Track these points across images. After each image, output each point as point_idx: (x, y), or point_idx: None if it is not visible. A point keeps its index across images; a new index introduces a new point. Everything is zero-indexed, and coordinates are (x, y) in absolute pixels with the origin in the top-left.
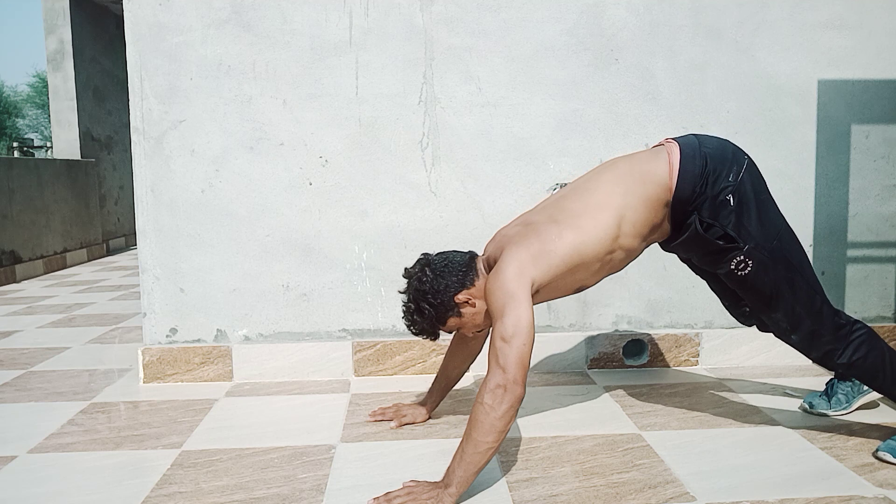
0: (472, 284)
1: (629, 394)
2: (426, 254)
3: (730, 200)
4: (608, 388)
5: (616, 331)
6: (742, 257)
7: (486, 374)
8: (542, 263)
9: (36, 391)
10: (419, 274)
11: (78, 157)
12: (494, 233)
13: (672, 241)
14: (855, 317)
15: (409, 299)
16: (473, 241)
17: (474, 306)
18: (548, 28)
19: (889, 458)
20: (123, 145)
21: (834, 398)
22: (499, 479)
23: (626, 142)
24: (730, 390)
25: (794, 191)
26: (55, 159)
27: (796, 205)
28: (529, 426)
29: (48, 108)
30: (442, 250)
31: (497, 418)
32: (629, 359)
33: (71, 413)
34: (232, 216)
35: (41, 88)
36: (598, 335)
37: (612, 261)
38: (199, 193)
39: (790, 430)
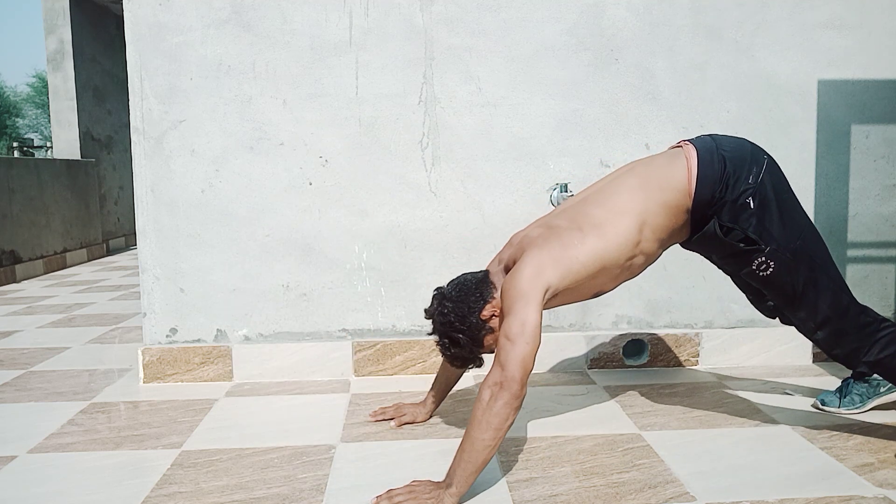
0: (493, 297)
1: (629, 394)
2: (439, 288)
3: (750, 203)
4: (608, 388)
5: (616, 331)
6: (764, 258)
7: (489, 370)
8: (561, 268)
9: (36, 391)
10: (439, 308)
11: (78, 157)
12: (511, 236)
13: (690, 239)
14: None
15: (440, 336)
16: (473, 240)
17: (501, 317)
18: (548, 28)
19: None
20: (123, 145)
21: (847, 397)
22: (499, 479)
23: (626, 142)
24: (730, 390)
25: (794, 191)
26: (55, 159)
27: None
28: (529, 426)
29: (48, 108)
30: (452, 278)
31: (493, 415)
32: (629, 359)
33: (71, 413)
34: (232, 216)
35: (41, 88)
36: (598, 335)
37: (632, 266)
38: (199, 193)
39: (790, 430)
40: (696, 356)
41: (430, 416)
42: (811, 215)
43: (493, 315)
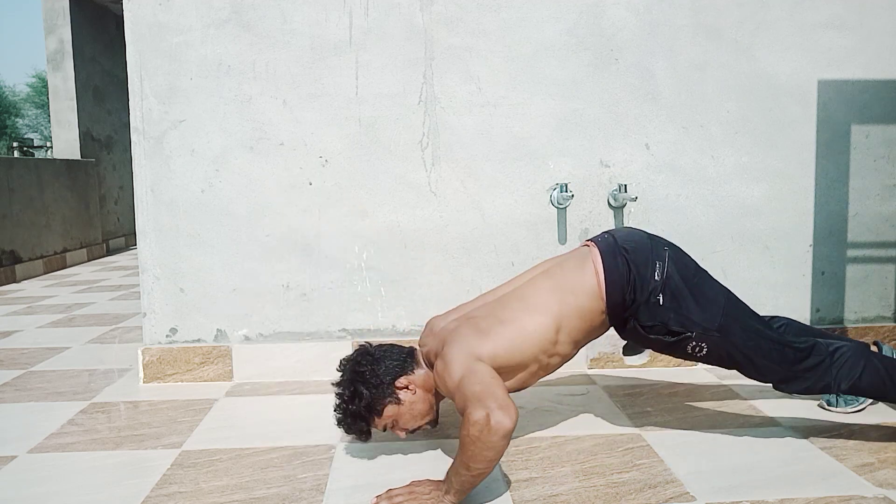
0: (412, 371)
1: (629, 394)
2: (367, 342)
3: (661, 300)
4: (608, 388)
5: None
6: (694, 343)
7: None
8: (486, 349)
9: (36, 391)
10: (357, 358)
11: (78, 157)
12: (429, 320)
13: (621, 332)
14: (854, 317)
15: (343, 386)
16: (473, 241)
17: (414, 393)
18: (548, 28)
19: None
20: (123, 145)
21: (849, 395)
22: (499, 480)
23: (626, 142)
24: (730, 390)
25: (794, 191)
26: (55, 159)
27: (796, 205)
28: (529, 426)
29: (48, 108)
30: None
31: (486, 449)
32: (629, 359)
33: (71, 413)
34: (232, 216)
35: (41, 88)
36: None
37: (549, 365)
38: (198, 193)
39: (790, 430)
40: None
41: None
42: (811, 215)
43: (406, 388)
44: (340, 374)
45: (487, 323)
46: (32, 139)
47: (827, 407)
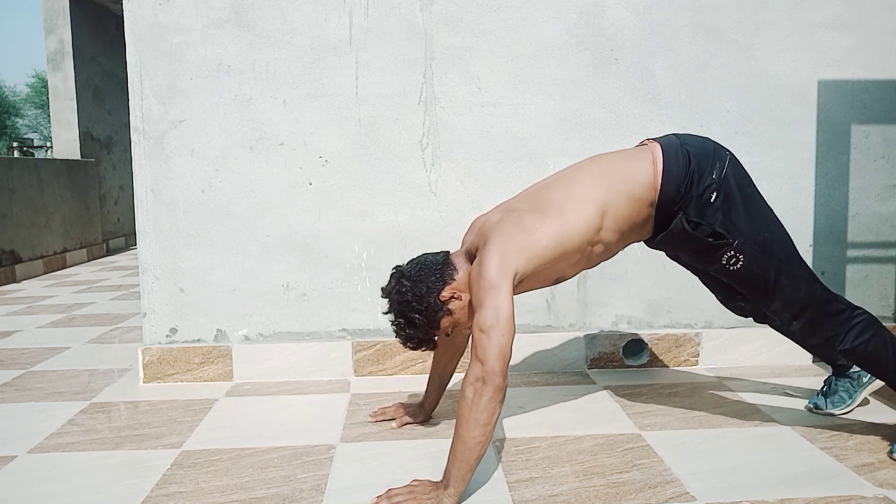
0: (452, 279)
1: (629, 394)
2: (397, 266)
3: (715, 198)
4: (608, 388)
5: (616, 331)
6: (733, 252)
7: (468, 367)
8: (526, 253)
9: (36, 391)
10: (397, 287)
11: (78, 157)
12: (473, 220)
13: (656, 236)
14: None
15: (395, 316)
16: None
17: (461, 299)
18: (548, 28)
19: (814, 409)
20: (123, 145)
21: (835, 395)
22: (499, 479)
23: (626, 142)
24: (730, 390)
25: (794, 191)
26: (55, 159)
27: (796, 205)
28: (529, 426)
29: (48, 108)
30: (412, 257)
31: (479, 411)
32: (629, 359)
33: (71, 413)
34: (232, 216)
35: (41, 88)
36: (598, 335)
37: (592, 254)
38: (198, 193)
39: (790, 430)
40: (696, 356)
41: (430, 416)
42: (811, 215)
43: (453, 297)
44: (387, 303)
45: (531, 219)
46: (32, 139)
47: (815, 410)
